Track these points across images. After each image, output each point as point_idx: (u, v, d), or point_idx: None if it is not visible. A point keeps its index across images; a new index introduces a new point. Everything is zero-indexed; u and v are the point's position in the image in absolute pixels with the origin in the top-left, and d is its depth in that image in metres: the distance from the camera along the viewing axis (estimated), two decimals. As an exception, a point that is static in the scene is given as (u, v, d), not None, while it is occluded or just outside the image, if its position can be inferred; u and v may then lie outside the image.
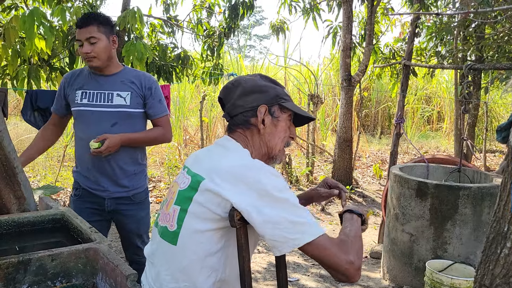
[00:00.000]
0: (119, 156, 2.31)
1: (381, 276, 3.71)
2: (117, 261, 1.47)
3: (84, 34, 2.23)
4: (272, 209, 1.22)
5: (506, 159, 1.35)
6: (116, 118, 2.30)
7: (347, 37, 6.36)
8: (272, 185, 1.24)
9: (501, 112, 10.39)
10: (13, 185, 1.98)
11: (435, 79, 11.50)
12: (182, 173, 1.43)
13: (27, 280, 1.48)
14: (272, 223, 1.21)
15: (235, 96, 1.41)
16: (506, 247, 1.28)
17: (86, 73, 2.38)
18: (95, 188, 2.34)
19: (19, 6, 4.14)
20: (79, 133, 2.35)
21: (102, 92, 2.31)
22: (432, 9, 6.18)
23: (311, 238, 1.21)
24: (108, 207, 2.37)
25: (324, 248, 1.21)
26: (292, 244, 1.22)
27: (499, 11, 4.33)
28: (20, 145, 7.64)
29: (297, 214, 1.23)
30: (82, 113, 2.31)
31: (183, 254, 1.30)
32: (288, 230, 1.21)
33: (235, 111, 1.41)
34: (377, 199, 6.14)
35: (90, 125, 2.29)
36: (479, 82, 6.42)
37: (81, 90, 2.32)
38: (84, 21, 2.23)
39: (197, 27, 5.72)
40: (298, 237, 1.21)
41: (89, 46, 2.23)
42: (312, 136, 7.27)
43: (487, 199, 3.15)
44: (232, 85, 1.44)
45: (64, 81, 2.39)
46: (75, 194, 2.39)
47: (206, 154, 1.43)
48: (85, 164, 2.34)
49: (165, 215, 1.38)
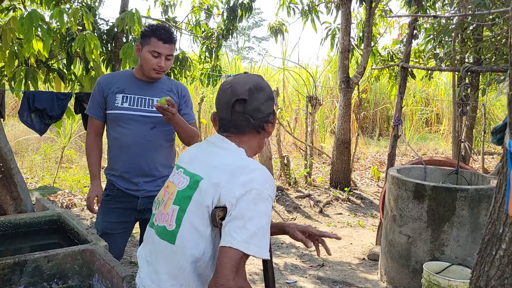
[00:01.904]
0: (157, 158, 2.44)
1: (379, 278, 3.71)
2: (113, 263, 1.47)
3: (167, 50, 2.34)
4: (244, 206, 1.26)
5: (502, 161, 1.35)
6: (154, 123, 2.40)
7: (345, 39, 6.37)
8: (258, 189, 1.28)
9: (499, 114, 10.41)
10: (9, 186, 1.98)
11: (433, 81, 11.52)
12: (177, 173, 1.46)
13: (23, 282, 1.48)
14: (234, 216, 1.25)
15: (259, 100, 1.43)
16: (501, 248, 1.28)
17: (126, 77, 2.45)
18: (131, 188, 2.42)
19: (17, 8, 4.14)
20: (117, 136, 2.40)
21: (143, 98, 2.41)
22: (430, 11, 6.20)
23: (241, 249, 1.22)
24: (141, 205, 2.45)
25: (230, 257, 1.22)
26: (228, 242, 1.23)
27: (496, 13, 4.35)
28: (17, 146, 7.63)
29: (256, 224, 1.25)
30: (122, 117, 2.37)
31: (181, 253, 1.32)
32: (236, 230, 1.23)
33: (258, 115, 1.43)
34: (375, 201, 6.14)
35: (130, 128, 2.37)
36: (477, 84, 6.43)
37: (122, 94, 2.39)
38: (169, 37, 2.34)
39: (196, 29, 5.73)
40: (238, 240, 1.22)
41: (165, 61, 2.35)
42: (310, 137, 7.27)
43: (485, 201, 3.16)
44: (258, 88, 1.44)
45: (102, 85, 2.42)
46: (108, 194, 2.45)
47: (201, 153, 1.47)
48: (124, 165, 2.41)
49: (163, 215, 1.40)
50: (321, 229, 1.24)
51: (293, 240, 4.61)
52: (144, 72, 2.38)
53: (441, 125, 11.73)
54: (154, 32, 2.33)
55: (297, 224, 1.63)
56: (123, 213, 2.43)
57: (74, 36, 3.76)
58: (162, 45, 2.32)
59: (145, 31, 2.38)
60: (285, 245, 4.51)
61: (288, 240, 4.65)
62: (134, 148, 2.37)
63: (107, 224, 2.38)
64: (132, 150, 2.37)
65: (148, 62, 2.34)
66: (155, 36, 2.32)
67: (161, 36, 2.32)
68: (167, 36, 2.33)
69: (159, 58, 2.33)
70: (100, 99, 2.42)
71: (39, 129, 3.77)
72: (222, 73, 5.89)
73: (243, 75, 1.50)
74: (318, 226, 5.10)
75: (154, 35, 2.32)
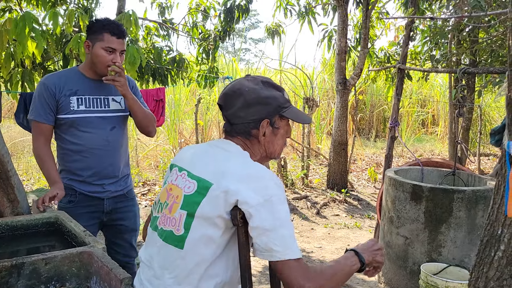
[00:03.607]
0: (120, 158, 2.39)
1: (377, 280, 3.71)
2: (112, 265, 1.46)
3: (121, 45, 2.25)
4: (269, 215, 1.25)
5: (500, 162, 1.35)
6: (113, 123, 2.33)
7: (342, 41, 6.39)
8: (276, 194, 1.28)
9: (494, 115, 10.46)
10: (6, 188, 1.97)
11: (429, 82, 11.55)
12: (180, 176, 1.42)
13: (20, 284, 1.47)
14: (264, 229, 1.25)
15: (237, 106, 1.39)
16: (500, 250, 1.28)
17: (75, 77, 2.30)
18: (95, 191, 2.34)
19: (13, 9, 4.13)
20: (76, 141, 2.28)
21: (97, 98, 2.30)
22: (427, 13, 6.22)
23: (291, 257, 1.24)
24: (107, 207, 2.39)
25: (290, 268, 1.24)
26: (273, 255, 1.25)
27: (492, 15, 4.37)
28: (13, 148, 7.60)
29: (288, 229, 1.27)
30: (80, 120, 2.26)
31: (189, 258, 1.32)
32: (275, 242, 1.24)
33: (236, 121, 1.41)
34: (372, 202, 6.15)
35: (90, 132, 2.26)
36: (473, 86, 6.46)
37: (76, 96, 2.26)
38: (122, 32, 2.25)
39: (193, 30, 5.72)
40: (280, 251, 1.24)
41: (119, 57, 2.25)
42: (307, 139, 7.28)
43: (482, 202, 3.16)
44: (233, 93, 1.41)
45: (53, 87, 2.24)
46: (70, 200, 2.32)
47: (204, 155, 1.43)
48: (88, 170, 2.31)
49: (169, 219, 1.37)
50: (318, 230, 1.24)
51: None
52: (97, 70, 2.25)
53: (437, 127, 11.77)
54: (105, 27, 2.21)
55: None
56: (91, 217, 2.35)
57: (70, 38, 3.75)
58: (116, 40, 2.21)
59: (94, 26, 2.24)
60: (282, 246, 4.50)
61: (285, 241, 4.64)
62: (97, 151, 2.28)
63: None
64: (95, 154, 2.28)
65: (102, 59, 2.21)
66: (108, 31, 2.20)
67: (114, 31, 2.21)
68: (120, 31, 2.23)
69: (114, 53, 2.22)
70: (51, 103, 2.23)
71: (35, 131, 3.74)
72: (219, 75, 5.88)
73: (238, 79, 1.47)
74: (315, 228, 5.10)
75: (107, 30, 2.20)
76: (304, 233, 4.91)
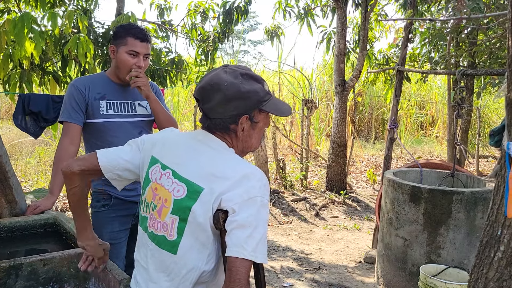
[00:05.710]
0: None
1: (376, 281, 3.70)
2: (110, 266, 1.46)
3: (145, 49, 2.24)
4: (250, 213, 1.24)
5: (499, 163, 1.35)
6: (141, 127, 2.34)
7: (341, 43, 6.40)
8: (262, 196, 1.27)
9: (493, 117, 10.48)
10: (4, 189, 1.96)
11: (427, 84, 11.57)
12: (164, 174, 1.37)
13: (18, 285, 1.46)
14: (241, 224, 1.23)
15: (215, 101, 1.33)
16: (500, 250, 1.28)
17: (103, 81, 2.32)
18: (130, 195, 2.34)
19: (11, 10, 4.12)
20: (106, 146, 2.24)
21: (125, 102, 2.32)
22: (426, 15, 6.23)
23: (255, 260, 1.23)
24: (138, 210, 2.41)
25: (246, 268, 1.23)
26: (239, 252, 1.22)
27: (491, 17, 4.38)
28: (12, 149, 7.59)
29: (264, 232, 1.26)
30: (110, 125, 2.26)
31: (183, 263, 1.31)
32: (247, 240, 1.23)
33: (214, 115, 1.36)
34: (371, 204, 6.15)
35: (119, 137, 2.24)
36: (471, 88, 6.47)
37: (105, 100, 2.27)
38: (146, 36, 2.24)
39: (191, 32, 5.72)
40: (249, 250, 1.22)
41: (143, 61, 2.25)
42: (306, 141, 7.27)
43: (480, 203, 3.16)
44: (211, 87, 1.34)
45: (83, 88, 2.25)
46: (105, 204, 2.31)
47: (191, 153, 1.37)
48: None
49: (159, 223, 1.34)
50: (317, 232, 1.23)
51: (289, 243, 4.62)
52: (120, 74, 2.25)
53: (436, 129, 11.78)
54: (129, 32, 2.21)
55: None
56: (124, 221, 2.36)
57: (68, 39, 3.74)
58: (139, 43, 2.21)
59: (119, 31, 2.24)
60: (281, 248, 4.50)
61: (284, 243, 4.64)
62: None
63: (111, 234, 2.27)
64: None
65: (126, 63, 2.22)
66: (131, 35, 2.20)
67: (137, 35, 2.20)
68: (143, 34, 2.22)
69: (137, 57, 2.21)
70: (82, 104, 2.23)
71: (34, 133, 3.73)
72: (218, 76, 5.86)
73: (215, 70, 1.37)
74: (314, 229, 5.10)
75: (130, 35, 2.20)
76: (303, 235, 4.91)
